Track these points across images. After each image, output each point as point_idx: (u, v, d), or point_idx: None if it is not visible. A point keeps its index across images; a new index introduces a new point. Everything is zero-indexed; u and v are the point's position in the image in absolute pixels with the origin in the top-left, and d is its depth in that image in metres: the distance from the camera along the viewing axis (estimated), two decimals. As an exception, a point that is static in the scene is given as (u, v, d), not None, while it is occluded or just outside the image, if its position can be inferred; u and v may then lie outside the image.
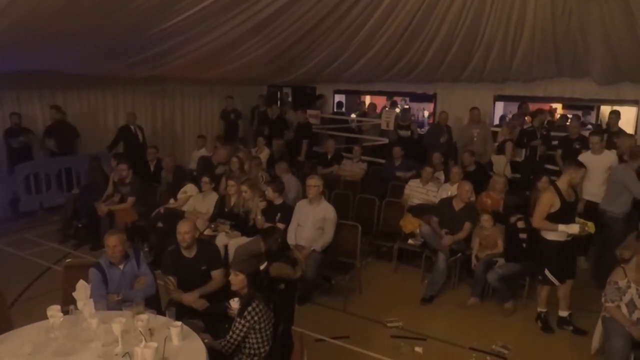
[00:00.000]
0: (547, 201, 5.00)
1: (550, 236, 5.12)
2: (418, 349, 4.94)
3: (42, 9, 5.35)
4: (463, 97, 10.47)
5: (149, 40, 7.45)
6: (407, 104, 13.13)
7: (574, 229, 4.94)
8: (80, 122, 9.78)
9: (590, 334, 4.82)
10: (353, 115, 12.14)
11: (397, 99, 12.89)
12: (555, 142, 8.40)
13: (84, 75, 9.24)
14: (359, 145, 9.73)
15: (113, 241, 4.15)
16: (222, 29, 7.64)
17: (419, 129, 10.67)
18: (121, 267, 4.22)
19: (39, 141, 9.04)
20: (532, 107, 9.76)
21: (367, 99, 13.19)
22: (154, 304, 4.12)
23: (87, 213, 7.50)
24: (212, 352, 3.38)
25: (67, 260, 4.85)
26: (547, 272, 5.18)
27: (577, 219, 5.11)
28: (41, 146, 9.06)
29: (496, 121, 10.75)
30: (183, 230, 4.42)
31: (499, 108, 11.50)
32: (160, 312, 3.95)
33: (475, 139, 8.99)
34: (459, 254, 6.15)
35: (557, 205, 4.95)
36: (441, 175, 7.89)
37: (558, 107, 11.85)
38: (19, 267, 6.69)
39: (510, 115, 11.04)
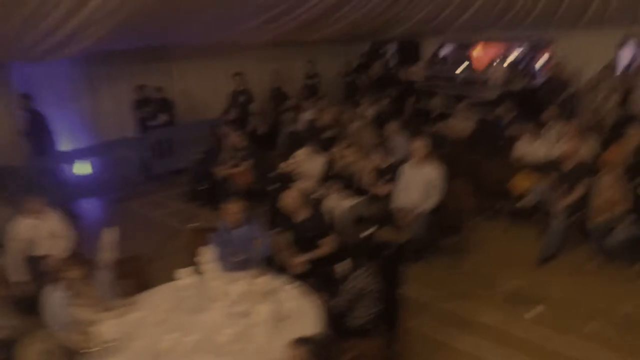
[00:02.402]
0: None
1: None
2: (531, 314, 4.83)
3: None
4: (583, 43, 9.65)
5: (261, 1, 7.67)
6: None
7: None
8: (197, 90, 10.58)
9: None
10: (460, 70, 11.68)
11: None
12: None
13: (196, 45, 9.81)
14: (466, 102, 9.39)
15: (234, 208, 4.48)
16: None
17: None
18: (239, 230, 4.52)
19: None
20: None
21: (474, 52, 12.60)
22: (270, 265, 4.43)
23: (208, 177, 7.97)
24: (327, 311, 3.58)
25: (190, 225, 5.29)
26: None
27: None
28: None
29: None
30: (285, 202, 4.67)
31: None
32: (277, 273, 4.23)
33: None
34: (576, 214, 5.84)
35: None
36: (555, 132, 7.47)
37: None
38: (150, 227, 7.39)
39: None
